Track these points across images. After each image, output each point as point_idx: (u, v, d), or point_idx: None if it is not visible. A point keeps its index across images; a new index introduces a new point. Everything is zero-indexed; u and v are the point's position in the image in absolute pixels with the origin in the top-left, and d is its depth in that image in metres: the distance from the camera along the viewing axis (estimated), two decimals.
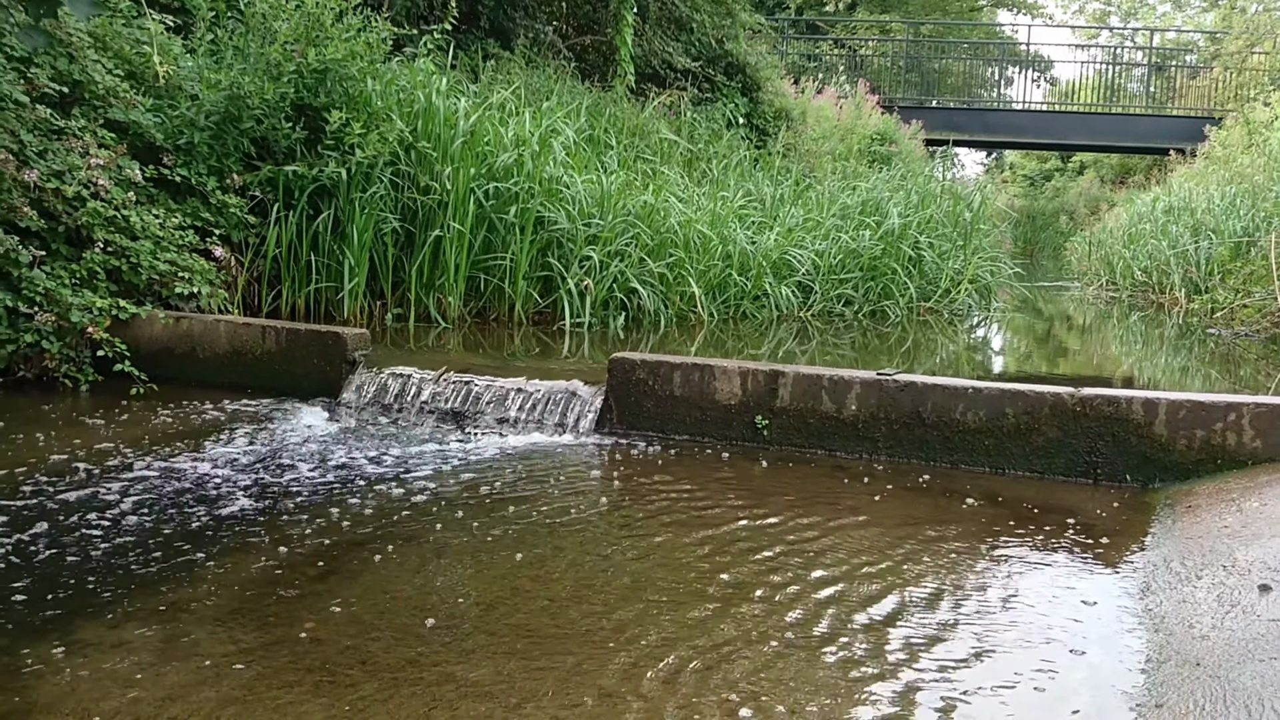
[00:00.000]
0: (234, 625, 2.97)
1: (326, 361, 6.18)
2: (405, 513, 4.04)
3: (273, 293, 7.91)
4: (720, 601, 3.24)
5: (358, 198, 7.85)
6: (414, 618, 3.06)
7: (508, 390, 5.75)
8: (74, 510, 3.90)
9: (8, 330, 5.99)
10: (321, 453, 4.92)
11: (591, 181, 9.17)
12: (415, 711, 2.50)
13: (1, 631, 2.87)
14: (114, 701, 2.52)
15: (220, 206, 7.38)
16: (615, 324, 8.56)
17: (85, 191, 6.47)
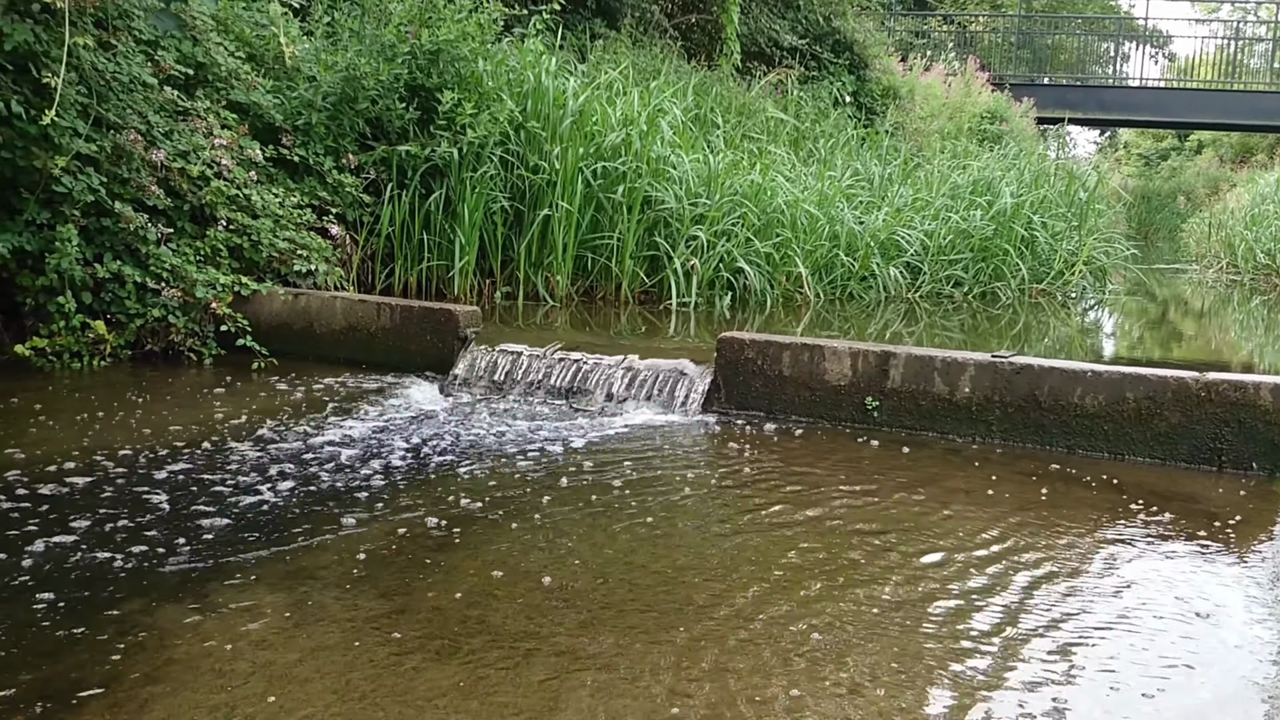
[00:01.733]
0: (358, 592, 3.05)
1: (439, 338, 6.29)
2: (519, 487, 4.11)
3: (386, 270, 8.07)
4: (833, 581, 3.23)
5: (468, 177, 7.96)
6: (533, 589, 3.11)
7: (616, 368, 5.79)
8: (202, 479, 4.05)
9: (136, 305, 6.21)
10: (434, 428, 5.02)
11: (698, 161, 9.16)
12: (537, 681, 2.55)
13: (141, 592, 3.00)
14: (246, 663, 2.61)
15: (336, 186, 7.55)
16: (721, 304, 8.55)
17: (209, 171, 6.67)
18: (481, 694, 2.47)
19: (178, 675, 2.53)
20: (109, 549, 3.30)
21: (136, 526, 3.51)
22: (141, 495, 3.83)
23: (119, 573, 3.13)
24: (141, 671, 2.54)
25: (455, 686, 2.51)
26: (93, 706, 2.36)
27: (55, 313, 5.98)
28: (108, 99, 6.24)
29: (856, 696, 2.52)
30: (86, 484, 3.93)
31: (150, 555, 3.27)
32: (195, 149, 6.67)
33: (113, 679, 2.49)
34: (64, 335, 5.97)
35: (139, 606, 2.90)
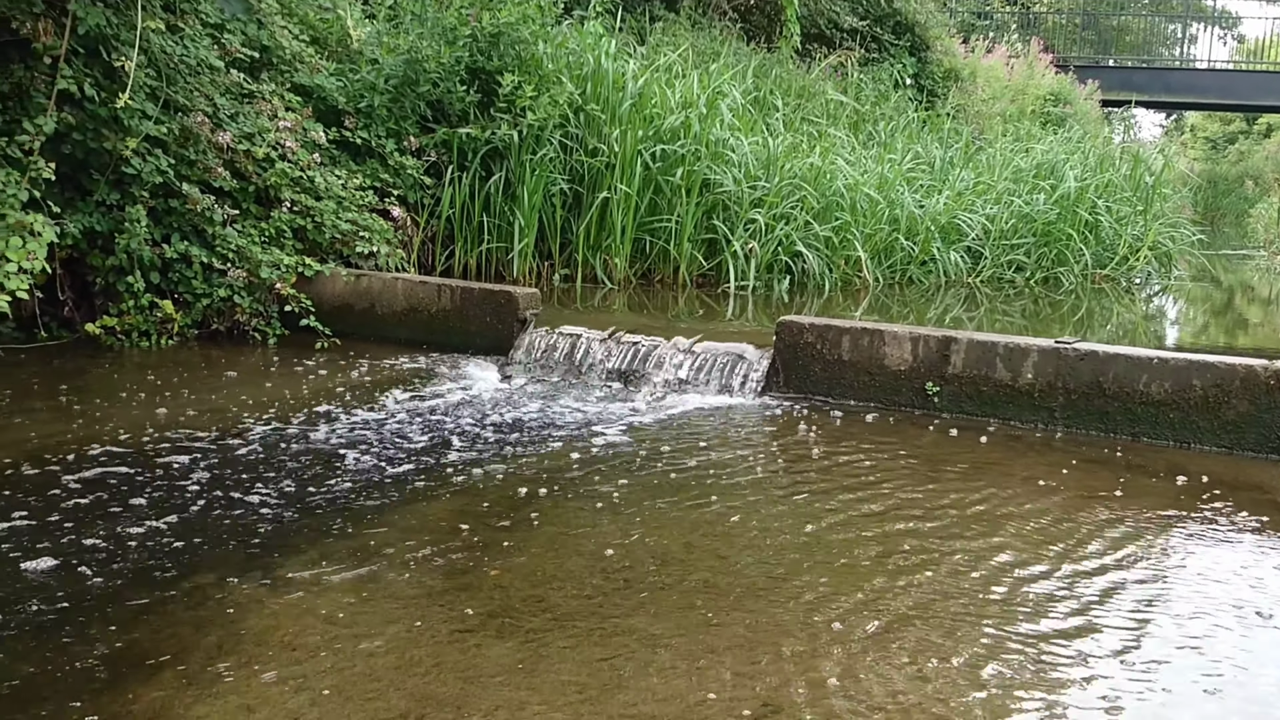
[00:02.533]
0: (422, 569, 3.09)
1: (498, 320, 6.33)
2: (579, 468, 4.13)
3: (446, 252, 8.13)
4: (894, 567, 3.22)
5: (528, 160, 7.99)
6: (593, 569, 3.13)
7: (675, 351, 5.79)
8: (268, 456, 4.12)
9: (203, 285, 6.32)
10: (495, 408, 5.06)
11: (757, 143, 9.12)
12: (598, 660, 2.57)
13: (210, 566, 3.06)
14: (314, 636, 2.66)
15: (398, 168, 7.62)
16: (779, 287, 8.52)
17: (274, 153, 6.76)
18: (543, 671, 2.50)
19: (248, 648, 2.58)
20: (179, 523, 3.37)
21: (205, 502, 3.58)
22: (210, 471, 3.90)
23: (188, 546, 3.19)
24: (212, 643, 2.60)
25: (517, 664, 2.54)
26: (166, 676, 2.42)
27: (124, 292, 6.10)
28: (175, 82, 6.34)
29: (920, 682, 2.52)
30: (156, 460, 4.01)
31: (218, 529, 3.34)
32: (260, 131, 6.75)
33: (185, 650, 2.55)
34: (133, 314, 6.09)
35: (209, 579, 2.96)
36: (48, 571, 2.97)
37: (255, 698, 2.34)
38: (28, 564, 3.01)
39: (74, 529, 3.29)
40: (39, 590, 2.85)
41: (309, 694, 2.36)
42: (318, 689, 2.39)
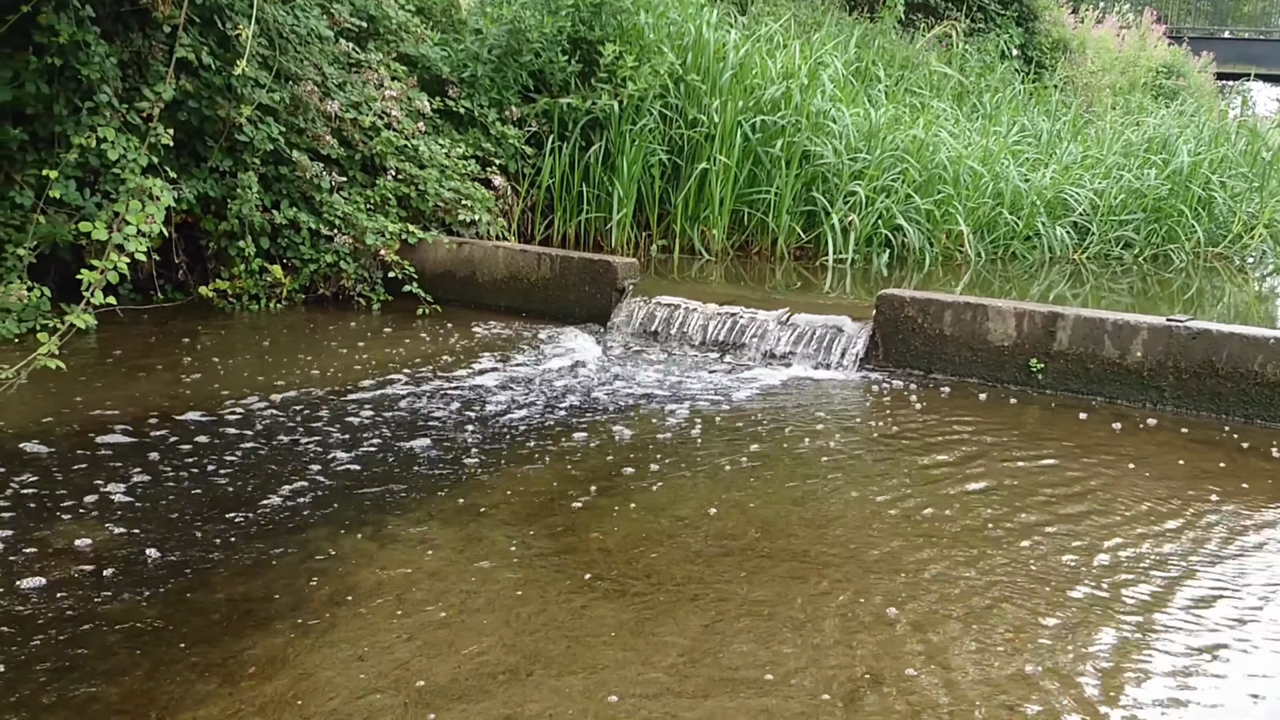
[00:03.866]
0: (525, 530, 3.14)
1: (597, 289, 6.37)
2: (677, 436, 4.15)
3: (545, 222, 8.19)
4: (994, 543, 3.19)
5: (628, 130, 8.00)
6: (694, 536, 3.15)
7: (772, 323, 5.77)
8: (375, 416, 4.21)
9: (310, 250, 6.47)
10: (594, 375, 5.11)
11: (859, 115, 9.00)
12: (700, 624, 2.59)
13: (323, 521, 3.15)
14: (422, 591, 2.73)
15: (500, 137, 7.69)
16: (879, 261, 8.42)
17: (379, 122, 6.87)
18: (647, 633, 2.53)
19: (359, 599, 2.66)
20: (291, 478, 3.47)
21: (314, 459, 3.68)
22: (318, 429, 4.01)
23: (301, 501, 3.29)
24: (326, 594, 2.68)
25: (622, 624, 2.57)
26: (284, 624, 2.51)
27: (236, 256, 6.27)
28: (286, 51, 6.47)
29: (1018, 655, 2.50)
30: (265, 419, 4.13)
31: (329, 486, 3.43)
32: (367, 100, 6.87)
33: (301, 600, 2.64)
34: (244, 278, 6.26)
35: (321, 534, 3.05)
36: (170, 523, 3.09)
37: (367, 647, 2.41)
38: (151, 516, 3.13)
39: (191, 484, 3.41)
40: (163, 541, 2.96)
41: (419, 644, 2.43)
42: (427, 640, 2.45)
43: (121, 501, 3.22)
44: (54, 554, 2.83)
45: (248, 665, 2.31)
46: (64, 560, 2.80)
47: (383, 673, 2.30)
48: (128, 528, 3.03)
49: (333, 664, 2.33)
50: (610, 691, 2.26)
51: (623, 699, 2.23)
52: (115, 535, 2.97)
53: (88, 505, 3.18)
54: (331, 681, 2.25)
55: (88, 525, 3.03)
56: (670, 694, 2.26)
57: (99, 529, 3.01)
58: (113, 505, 3.18)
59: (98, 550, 2.87)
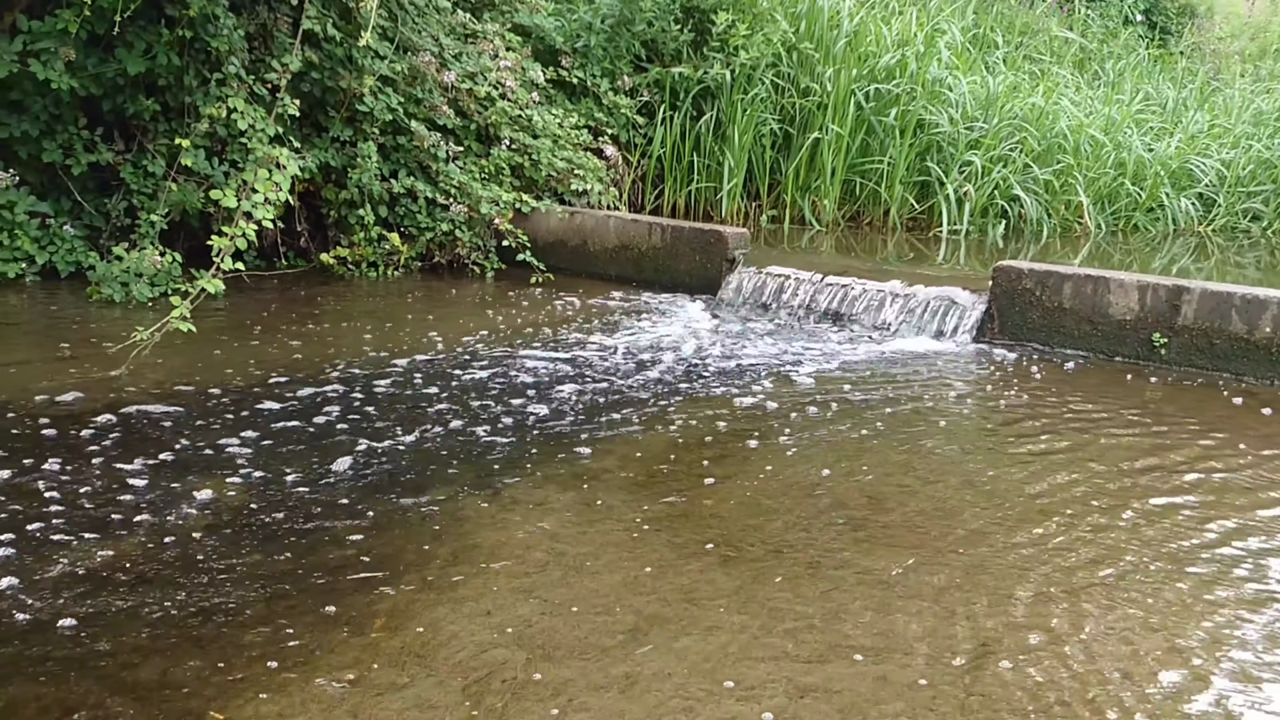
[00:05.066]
0: (641, 495, 3.19)
1: (707, 259, 6.38)
2: (789, 405, 4.15)
3: (655, 192, 8.21)
4: (1114, 517, 3.13)
5: (739, 99, 7.96)
6: (808, 504, 3.16)
7: (885, 294, 5.72)
8: (490, 382, 4.30)
9: (427, 219, 6.59)
10: (703, 345, 5.12)
11: (976, 83, 8.82)
12: (816, 591, 2.61)
13: (442, 481, 3.23)
14: (541, 552, 2.79)
15: (612, 107, 7.72)
16: (994, 232, 8.26)
17: (494, 92, 6.95)
18: (763, 599, 2.56)
19: (480, 559, 2.73)
20: (409, 441, 3.57)
21: (435, 421, 3.77)
22: (435, 394, 4.11)
23: (422, 462, 3.38)
24: (448, 552, 2.76)
25: (738, 590, 2.60)
26: (410, 579, 2.59)
27: (355, 224, 6.42)
28: (405, 22, 6.58)
29: (1143, 632, 2.46)
30: (386, 381, 4.24)
31: (448, 448, 3.52)
32: (482, 71, 6.95)
33: (424, 557, 2.72)
34: (363, 246, 6.41)
35: (442, 494, 3.13)
36: (296, 480, 3.20)
37: (490, 603, 2.48)
38: (279, 474, 3.25)
39: (315, 443, 3.52)
40: (290, 498, 3.07)
41: (539, 603, 2.49)
42: (547, 599, 2.51)
43: (250, 459, 3.34)
44: (191, 507, 2.96)
45: (376, 617, 2.40)
46: (201, 513, 2.93)
47: (505, 628, 2.36)
48: (257, 484, 3.15)
49: (457, 619, 2.40)
50: (728, 654, 2.29)
51: (740, 662, 2.26)
52: (245, 491, 3.09)
53: (218, 462, 3.31)
54: (456, 636, 2.33)
55: (220, 481, 3.16)
56: (787, 658, 2.28)
57: (230, 485, 3.13)
58: (242, 462, 3.31)
59: (231, 504, 3.00)
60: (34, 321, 4.96)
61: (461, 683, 2.14)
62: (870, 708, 2.10)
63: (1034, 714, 2.11)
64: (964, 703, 2.14)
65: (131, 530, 2.80)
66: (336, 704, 2.06)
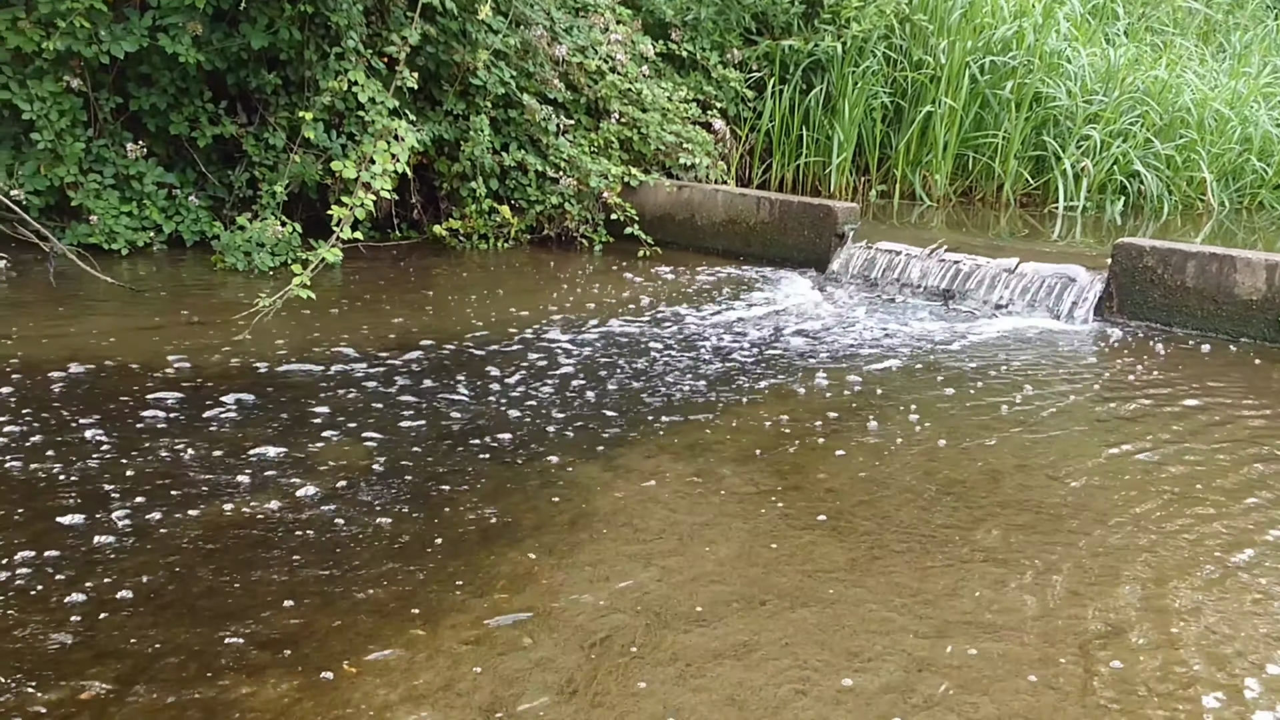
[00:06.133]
0: (753, 468, 3.19)
1: (816, 233, 6.33)
2: (901, 382, 4.12)
3: (763, 166, 8.17)
4: (1238, 501, 3.05)
5: (850, 72, 7.87)
6: (921, 480, 3.14)
7: (998, 271, 5.62)
8: (600, 354, 4.34)
9: (537, 192, 6.66)
10: (812, 320, 5.10)
11: (1096, 55, 8.57)
12: (932, 567, 2.59)
13: (559, 449, 3.28)
14: (656, 520, 2.81)
15: (721, 81, 7.69)
16: (1112, 209, 8.04)
17: (604, 66, 6.97)
18: (878, 573, 2.55)
19: (597, 525, 2.77)
20: (524, 409, 3.63)
21: (548, 391, 3.82)
22: (547, 363, 4.16)
23: (537, 430, 3.43)
24: (566, 518, 2.80)
25: (852, 563, 2.60)
26: (529, 544, 2.64)
27: (467, 197, 6.52)
28: None
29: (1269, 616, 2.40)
30: (499, 350, 4.31)
31: (562, 417, 3.57)
32: (593, 44, 6.98)
33: (543, 522, 2.77)
34: (474, 218, 6.50)
35: (557, 462, 3.18)
36: (418, 446, 3.28)
37: (608, 569, 2.52)
38: (400, 439, 3.33)
39: (434, 409, 3.60)
40: (413, 462, 3.15)
41: (656, 570, 2.52)
42: (664, 567, 2.54)
43: (371, 423, 3.43)
44: (317, 468, 3.06)
45: (498, 579, 2.45)
46: (327, 474, 3.02)
47: (623, 594, 2.40)
48: (380, 448, 3.23)
49: (576, 583, 2.44)
50: (844, 625, 2.29)
51: (857, 634, 2.26)
52: (370, 454, 3.18)
53: (340, 425, 3.40)
54: (576, 600, 2.37)
55: (345, 444, 3.25)
56: (904, 632, 2.27)
57: (355, 448, 3.22)
58: (365, 426, 3.40)
59: (355, 466, 3.08)
60: (162, 288, 5.14)
61: (582, 645, 2.19)
62: (990, 684, 2.09)
63: (1160, 698, 2.08)
64: (1086, 683, 2.11)
65: (260, 489, 2.90)
66: (462, 660, 2.12)
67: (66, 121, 5.56)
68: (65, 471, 2.97)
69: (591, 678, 2.07)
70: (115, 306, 4.77)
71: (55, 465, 3.00)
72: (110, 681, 2.02)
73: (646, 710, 1.98)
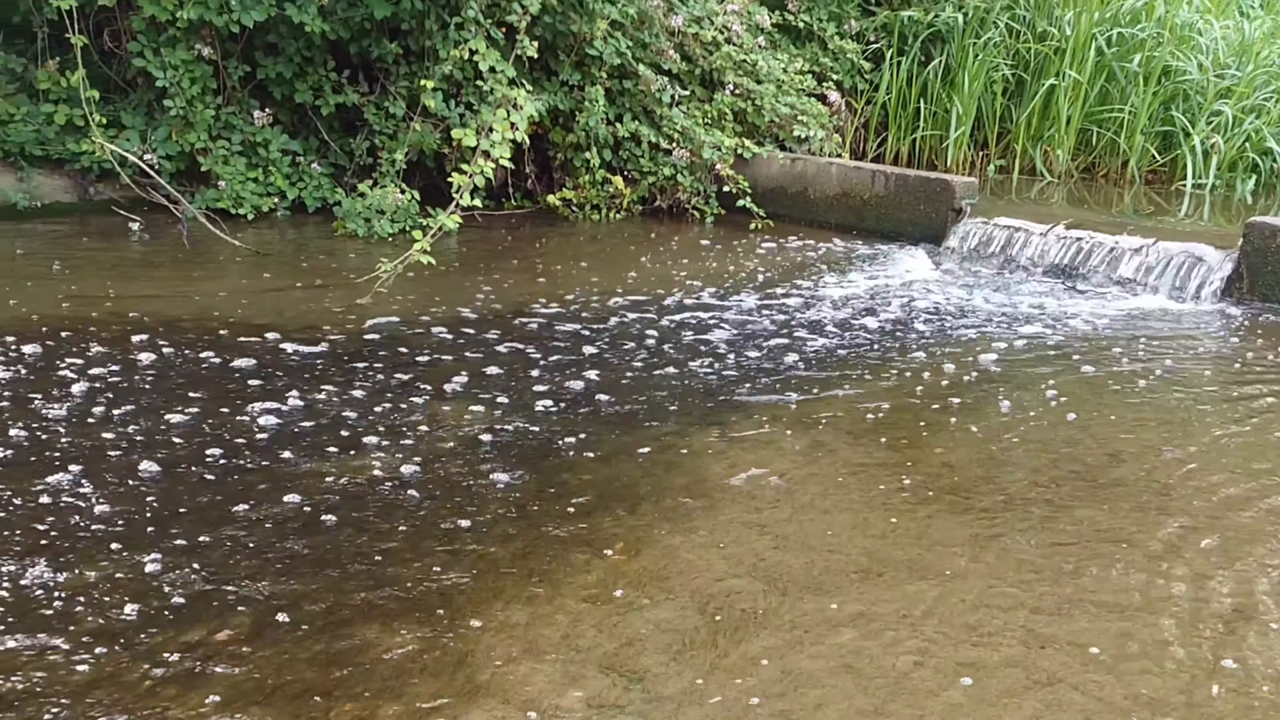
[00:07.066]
0: (869, 441, 3.17)
1: (932, 208, 6.23)
2: (1019, 359, 4.04)
3: (878, 139, 8.05)
4: None
5: (970, 44, 7.70)
6: (1040, 457, 3.08)
7: (1122, 250, 5.47)
8: (714, 322, 4.34)
9: (649, 163, 6.67)
10: (928, 296, 5.03)
11: (1229, 28, 8.25)
12: (1053, 544, 2.55)
13: (671, 417, 3.30)
14: (770, 489, 2.82)
15: (837, 52, 7.60)
16: (1243, 187, 7.75)
17: (720, 36, 6.93)
18: (997, 549, 2.52)
19: (711, 493, 2.78)
20: (636, 376, 3.65)
21: (661, 359, 3.85)
22: (660, 334, 4.18)
23: (652, 398, 3.46)
24: (680, 485, 2.82)
25: (970, 538, 2.57)
26: (645, 507, 2.67)
27: (581, 167, 6.56)
28: None
29: None
30: (614, 319, 4.34)
31: (676, 386, 3.59)
32: (709, 15, 6.95)
33: (660, 488, 2.79)
34: (587, 188, 6.54)
35: (672, 430, 3.20)
36: (533, 409, 3.33)
37: (722, 536, 2.53)
38: (516, 402, 3.39)
39: (546, 374, 3.65)
40: (528, 425, 3.20)
41: (771, 539, 2.53)
42: (779, 535, 2.54)
43: (492, 386, 3.49)
44: (439, 428, 3.13)
45: (615, 542, 2.48)
46: (449, 434, 3.08)
47: (739, 560, 2.41)
48: (496, 410, 3.29)
49: (692, 548, 2.46)
50: (963, 600, 2.27)
51: (977, 608, 2.24)
52: (486, 416, 3.24)
53: (464, 386, 3.47)
54: (692, 564, 2.39)
55: (466, 405, 3.32)
56: (1025, 609, 2.24)
57: (476, 409, 3.28)
58: (485, 389, 3.46)
59: (475, 427, 3.14)
60: (285, 252, 5.29)
61: (700, 608, 2.21)
62: (1116, 663, 2.06)
63: None
64: (1215, 665, 2.06)
65: (384, 446, 2.98)
66: (581, 618, 2.15)
67: (197, 89, 5.74)
68: (198, 420, 3.08)
69: (709, 640, 2.09)
70: (242, 268, 4.92)
71: (186, 417, 3.12)
72: (243, 627, 2.10)
73: (764, 674, 1.99)
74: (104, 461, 2.81)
